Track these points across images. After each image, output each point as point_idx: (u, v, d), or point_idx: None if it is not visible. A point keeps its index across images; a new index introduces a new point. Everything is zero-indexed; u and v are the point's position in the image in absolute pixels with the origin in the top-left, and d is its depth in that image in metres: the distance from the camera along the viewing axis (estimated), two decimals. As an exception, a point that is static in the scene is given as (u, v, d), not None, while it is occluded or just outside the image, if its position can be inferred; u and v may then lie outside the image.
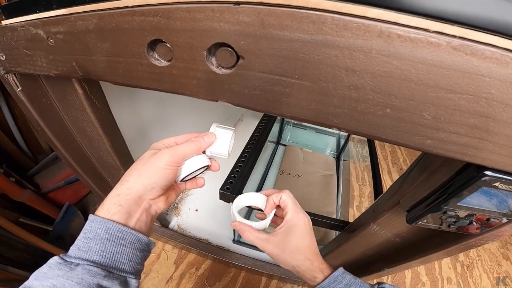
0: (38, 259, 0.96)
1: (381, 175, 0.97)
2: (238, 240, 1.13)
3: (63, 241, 1.06)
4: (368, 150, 1.06)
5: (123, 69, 0.35)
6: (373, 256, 0.68)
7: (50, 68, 0.41)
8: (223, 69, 0.30)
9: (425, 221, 0.39)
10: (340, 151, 1.49)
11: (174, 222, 1.18)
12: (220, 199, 0.71)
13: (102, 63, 0.36)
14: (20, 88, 0.50)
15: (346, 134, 1.44)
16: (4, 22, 0.40)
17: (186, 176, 0.38)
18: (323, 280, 0.40)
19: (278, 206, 0.47)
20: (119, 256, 0.31)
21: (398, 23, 0.22)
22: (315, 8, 0.23)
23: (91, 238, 0.30)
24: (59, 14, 0.34)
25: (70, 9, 0.33)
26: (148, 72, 0.34)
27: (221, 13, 0.26)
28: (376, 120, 0.27)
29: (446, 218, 0.36)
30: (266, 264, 1.07)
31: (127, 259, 0.32)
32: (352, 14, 0.22)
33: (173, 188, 0.41)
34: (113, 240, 0.31)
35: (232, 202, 0.50)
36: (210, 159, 0.42)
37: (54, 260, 0.30)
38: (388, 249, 0.62)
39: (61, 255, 0.30)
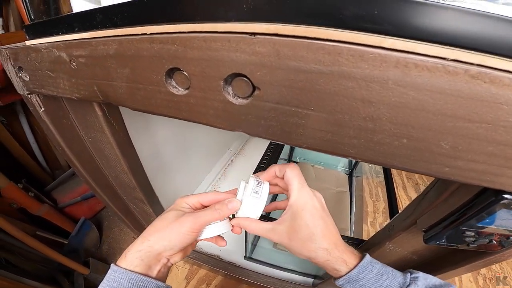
0: (53, 272, 0.96)
1: (396, 191, 0.93)
2: (249, 257, 1.10)
3: (77, 254, 1.07)
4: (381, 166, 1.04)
5: (142, 96, 0.36)
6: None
7: (73, 91, 0.42)
8: (239, 99, 0.30)
9: (443, 241, 0.37)
10: (352, 167, 1.46)
11: None
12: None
13: (122, 89, 0.37)
14: (43, 109, 0.52)
15: None
16: (28, 43, 0.41)
17: (206, 238, 0.40)
18: (347, 273, 0.36)
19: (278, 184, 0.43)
20: None
21: (415, 52, 0.22)
22: (331, 39, 0.23)
23: (114, 287, 0.32)
24: (80, 37, 0.36)
25: (91, 33, 0.35)
26: (166, 100, 0.35)
27: (237, 43, 0.26)
28: (392, 150, 0.27)
29: (465, 238, 0.35)
30: (278, 281, 1.04)
31: None
32: (368, 45, 0.22)
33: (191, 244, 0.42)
34: None
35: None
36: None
37: None
38: (405, 266, 0.59)
39: None
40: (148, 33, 0.31)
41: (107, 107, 0.52)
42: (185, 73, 0.31)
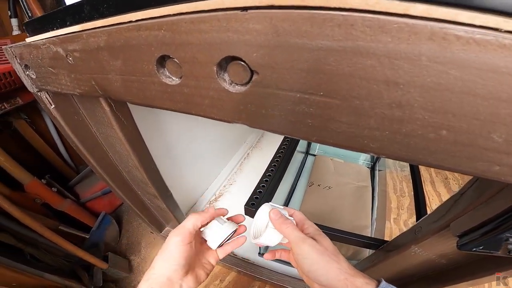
0: (74, 266, 0.98)
1: (423, 186, 0.85)
2: (264, 254, 1.06)
3: (98, 248, 1.08)
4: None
5: (137, 88, 0.33)
6: (414, 276, 0.58)
7: (74, 87, 0.40)
8: (236, 86, 0.26)
9: (481, 247, 0.32)
10: (375, 160, 1.35)
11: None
12: (245, 214, 0.66)
13: (117, 82, 0.34)
14: (53, 106, 0.50)
15: None
16: (28, 40, 0.40)
17: (219, 245, 0.42)
18: None
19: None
20: None
21: (456, 22, 0.16)
22: (339, 8, 0.17)
23: None
24: (72, 31, 0.33)
25: (82, 25, 0.32)
26: (160, 91, 0.31)
27: (228, 21, 0.22)
28: (426, 144, 0.21)
29: (507, 245, 0.30)
30: (292, 280, 0.99)
31: None
32: (389, 13, 0.16)
33: (202, 267, 0.43)
34: None
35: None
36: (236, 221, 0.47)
37: None
38: (431, 270, 0.52)
39: None
40: (134, 20, 0.27)
41: (114, 102, 0.50)
42: (176, 60, 0.27)
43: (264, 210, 0.43)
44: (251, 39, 0.21)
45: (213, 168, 1.24)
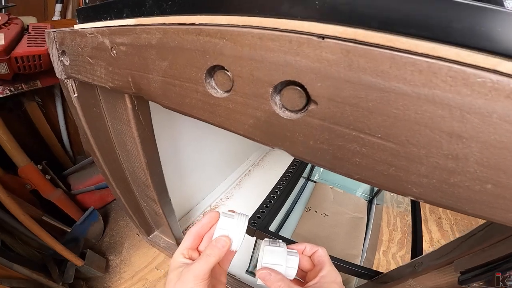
0: (46, 259, 0.91)
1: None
2: (252, 271, 1.02)
3: (77, 244, 1.01)
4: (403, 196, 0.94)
5: (176, 93, 0.32)
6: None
7: (107, 80, 0.39)
8: (287, 112, 0.25)
9: (481, 283, 0.32)
10: (374, 194, 1.36)
11: None
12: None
13: (156, 83, 0.33)
14: (76, 94, 0.49)
15: None
16: (76, 27, 0.39)
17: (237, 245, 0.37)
18: None
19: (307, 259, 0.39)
20: None
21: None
22: (426, 54, 0.17)
23: None
24: (127, 24, 0.32)
25: (138, 19, 0.31)
26: (202, 101, 0.30)
27: (300, 45, 0.21)
28: (468, 194, 0.20)
29: (506, 281, 0.30)
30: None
31: None
32: (479, 66, 0.16)
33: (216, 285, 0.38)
34: None
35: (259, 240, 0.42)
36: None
37: None
38: None
39: None
40: (197, 23, 0.27)
41: (137, 101, 0.49)
42: (229, 73, 0.26)
43: (265, 249, 0.38)
44: (320, 68, 0.21)
45: (212, 179, 1.21)
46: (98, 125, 0.57)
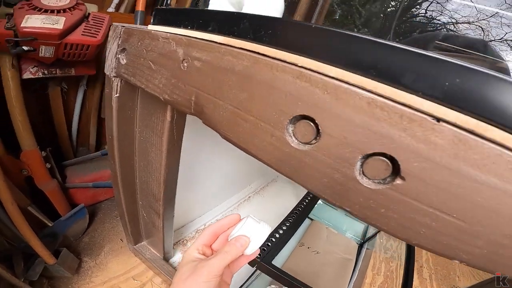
0: (14, 251, 0.82)
1: (398, 270, 0.86)
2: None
3: (54, 240, 0.92)
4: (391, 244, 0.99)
5: (245, 129, 0.29)
6: None
7: (164, 91, 0.36)
8: (366, 180, 0.23)
9: None
10: (366, 239, 1.39)
11: (177, 258, 1.01)
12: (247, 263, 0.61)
13: (225, 112, 0.30)
14: (117, 94, 0.46)
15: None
16: (150, 27, 0.37)
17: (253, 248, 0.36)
18: None
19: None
20: None
21: None
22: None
23: None
24: (211, 39, 0.30)
25: (227, 38, 0.29)
26: (273, 146, 0.27)
27: (411, 122, 0.19)
28: (507, 261, 0.20)
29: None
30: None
31: None
32: None
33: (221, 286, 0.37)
34: None
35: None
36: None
37: None
38: None
39: None
40: (299, 64, 0.25)
41: (177, 115, 0.46)
42: (314, 126, 0.24)
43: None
44: (423, 149, 0.19)
45: (211, 199, 1.16)
46: (126, 129, 0.53)
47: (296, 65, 0.25)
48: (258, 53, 0.27)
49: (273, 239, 0.67)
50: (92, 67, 0.80)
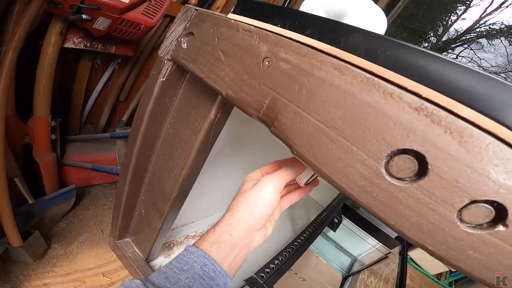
0: None
1: None
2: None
3: (28, 219, 0.81)
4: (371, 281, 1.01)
5: (329, 150, 0.24)
6: None
7: (230, 86, 0.31)
8: (463, 224, 0.20)
9: None
10: (351, 273, 1.38)
11: (158, 261, 0.91)
12: (247, 284, 0.57)
13: (307, 126, 0.25)
14: (164, 79, 0.41)
15: (364, 262, 1.35)
16: (230, 16, 0.32)
17: (310, 178, 0.35)
18: None
19: None
20: None
21: None
22: None
23: (184, 270, 0.28)
24: (309, 43, 0.26)
25: (331, 48, 0.24)
26: (361, 175, 0.23)
27: None
28: None
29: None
30: None
31: None
32: None
33: (269, 220, 0.37)
34: (204, 278, 0.28)
35: None
36: None
37: (135, 284, 0.27)
38: None
39: (144, 281, 0.28)
40: (423, 96, 0.21)
41: (221, 115, 0.41)
42: (427, 166, 0.20)
43: None
44: None
45: (207, 207, 1.09)
46: (157, 117, 0.48)
47: (419, 95, 0.21)
48: (371, 72, 0.23)
49: (278, 262, 0.62)
50: (132, 48, 0.76)
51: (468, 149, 0.19)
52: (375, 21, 0.34)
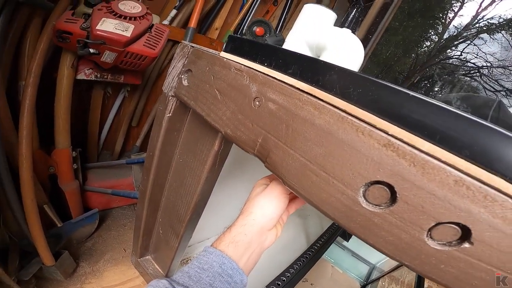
0: (13, 246, 0.78)
1: None
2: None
3: (58, 241, 0.89)
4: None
5: (314, 183, 0.27)
6: None
7: (227, 125, 0.35)
8: (432, 241, 0.23)
9: None
10: (369, 281, 1.37)
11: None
12: None
13: (295, 162, 0.28)
14: (170, 114, 0.46)
15: (383, 268, 1.30)
16: (222, 54, 0.35)
17: None
18: None
19: None
20: None
21: None
22: None
23: (205, 269, 0.31)
24: (292, 84, 0.29)
25: (311, 87, 0.27)
26: (342, 204, 0.26)
27: (493, 202, 0.19)
28: None
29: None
30: None
31: None
32: None
33: (278, 222, 0.40)
34: (223, 276, 0.30)
35: None
36: None
37: (162, 284, 0.29)
38: None
39: (169, 281, 0.30)
40: (389, 133, 0.24)
41: (224, 145, 0.45)
42: (396, 194, 0.23)
43: None
44: (498, 223, 0.20)
45: (223, 221, 1.11)
46: (167, 149, 0.52)
47: (386, 132, 0.24)
48: (345, 111, 0.26)
49: (289, 274, 0.64)
50: (139, 77, 0.82)
51: (430, 179, 0.21)
52: (352, 53, 0.37)
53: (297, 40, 0.40)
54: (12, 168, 0.64)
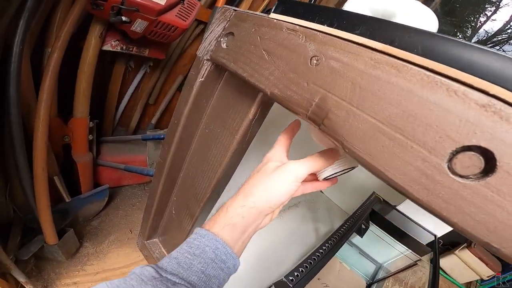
0: (16, 221, 0.75)
1: None
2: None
3: (64, 217, 0.86)
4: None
5: (385, 148, 0.23)
6: None
7: (275, 85, 0.31)
8: None
9: None
10: (375, 281, 1.33)
11: None
12: (275, 286, 0.57)
13: (362, 124, 0.24)
14: (202, 79, 0.42)
15: (389, 269, 1.28)
16: (272, 15, 0.33)
17: (331, 174, 0.35)
18: None
19: None
20: (214, 280, 0.28)
21: None
22: None
23: (196, 254, 0.28)
24: (361, 42, 0.25)
25: (387, 47, 0.24)
26: (421, 172, 0.22)
27: None
28: None
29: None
30: None
31: (218, 285, 0.29)
32: None
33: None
34: (216, 262, 0.28)
35: None
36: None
37: (148, 272, 0.26)
38: None
39: (156, 268, 0.27)
40: (491, 93, 0.19)
41: (259, 114, 0.42)
42: (495, 162, 0.19)
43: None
44: None
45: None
46: (194, 118, 0.49)
47: (486, 92, 0.20)
48: (432, 70, 0.22)
49: (303, 270, 0.61)
50: (163, 52, 0.80)
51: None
52: (427, 22, 0.33)
53: (358, 6, 0.37)
54: (27, 135, 0.61)
